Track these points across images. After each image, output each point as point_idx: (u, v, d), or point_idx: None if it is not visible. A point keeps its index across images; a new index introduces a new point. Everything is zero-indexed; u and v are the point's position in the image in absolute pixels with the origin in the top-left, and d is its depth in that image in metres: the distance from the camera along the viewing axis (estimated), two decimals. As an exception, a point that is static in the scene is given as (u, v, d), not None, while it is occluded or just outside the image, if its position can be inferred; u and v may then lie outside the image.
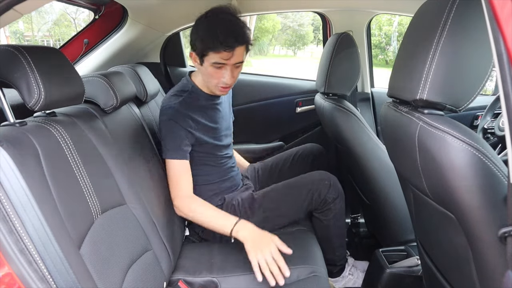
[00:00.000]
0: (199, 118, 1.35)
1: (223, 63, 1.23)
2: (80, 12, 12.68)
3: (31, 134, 0.80)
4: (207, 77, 1.29)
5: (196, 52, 1.25)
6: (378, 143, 1.49)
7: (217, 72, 1.26)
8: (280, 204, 1.43)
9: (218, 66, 1.24)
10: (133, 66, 1.65)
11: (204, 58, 1.23)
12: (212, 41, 1.18)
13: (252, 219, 1.30)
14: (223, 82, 1.28)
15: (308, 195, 1.41)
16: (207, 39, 1.19)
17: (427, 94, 0.73)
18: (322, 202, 1.41)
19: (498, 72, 0.53)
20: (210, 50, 1.20)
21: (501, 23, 0.51)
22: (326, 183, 1.41)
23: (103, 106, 1.16)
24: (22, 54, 0.81)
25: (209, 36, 1.19)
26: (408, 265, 1.39)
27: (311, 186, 1.41)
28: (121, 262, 0.92)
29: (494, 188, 0.65)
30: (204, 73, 1.28)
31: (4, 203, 0.69)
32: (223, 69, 1.25)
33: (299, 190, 1.42)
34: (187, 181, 1.32)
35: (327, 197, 1.40)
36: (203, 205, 1.30)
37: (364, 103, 2.14)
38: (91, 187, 0.92)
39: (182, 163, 1.31)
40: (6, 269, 0.69)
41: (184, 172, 1.31)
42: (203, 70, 1.27)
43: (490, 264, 0.70)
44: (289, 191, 1.45)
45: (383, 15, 3.56)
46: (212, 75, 1.27)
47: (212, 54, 1.21)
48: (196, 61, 1.27)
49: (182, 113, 1.30)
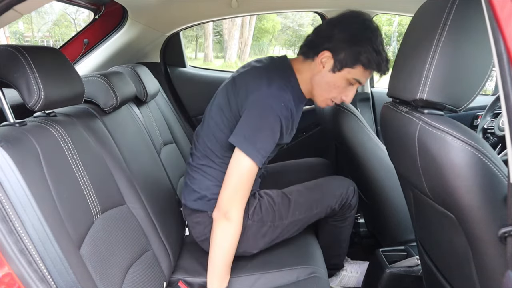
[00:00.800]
0: (296, 121, 1.16)
1: (361, 82, 1.10)
2: (80, 12, 12.69)
3: (31, 134, 0.80)
4: (330, 87, 1.11)
5: (339, 58, 1.06)
6: (378, 143, 1.49)
7: (345, 88, 1.11)
8: (312, 206, 1.28)
9: (351, 83, 1.10)
10: (133, 66, 1.66)
11: (344, 69, 1.06)
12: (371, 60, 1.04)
13: (286, 221, 1.23)
14: (343, 98, 1.14)
15: (338, 198, 1.31)
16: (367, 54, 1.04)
17: (427, 94, 0.73)
18: (346, 207, 1.34)
19: (498, 72, 0.53)
20: (363, 65, 1.05)
21: (501, 23, 0.51)
22: (352, 189, 1.35)
23: (103, 106, 1.16)
24: (22, 54, 0.81)
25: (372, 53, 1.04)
26: (408, 265, 1.39)
27: (342, 190, 1.32)
28: (121, 262, 0.92)
29: (494, 188, 0.65)
30: (329, 82, 1.10)
31: (4, 203, 0.69)
32: (351, 86, 1.11)
33: (331, 191, 1.32)
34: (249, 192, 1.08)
35: (351, 202, 1.35)
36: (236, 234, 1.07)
37: (364, 103, 2.14)
38: (91, 187, 0.92)
39: (257, 170, 1.06)
40: (6, 269, 0.69)
41: (252, 182, 1.07)
42: (330, 78, 1.09)
43: (490, 264, 0.70)
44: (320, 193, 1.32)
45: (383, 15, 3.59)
46: (337, 88, 1.10)
47: (360, 71, 1.06)
48: (325, 65, 1.08)
49: (290, 113, 1.07)
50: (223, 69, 1.65)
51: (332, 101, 1.15)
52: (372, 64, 1.05)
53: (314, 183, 1.35)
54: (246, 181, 1.04)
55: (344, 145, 1.55)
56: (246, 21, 15.15)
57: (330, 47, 1.06)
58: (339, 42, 1.05)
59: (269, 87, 1.04)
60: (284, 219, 1.22)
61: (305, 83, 1.15)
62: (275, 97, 1.03)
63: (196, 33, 15.07)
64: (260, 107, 1.03)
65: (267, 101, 1.03)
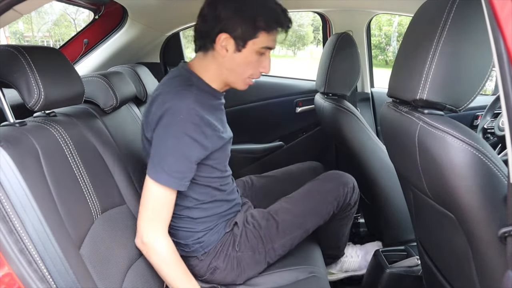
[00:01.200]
0: (215, 123, 1.03)
1: (271, 47, 1.02)
2: (80, 12, 12.69)
3: (31, 134, 0.80)
4: (243, 67, 1.02)
5: (237, 34, 0.97)
6: (378, 143, 1.49)
7: (258, 60, 1.02)
8: (303, 221, 1.20)
9: (262, 52, 1.01)
10: (133, 66, 1.66)
11: (248, 42, 0.98)
12: (269, 19, 0.97)
13: (276, 244, 1.16)
14: (262, 70, 1.05)
15: (334, 202, 1.23)
16: (263, 17, 0.96)
17: (427, 94, 0.73)
18: (345, 207, 1.28)
19: (498, 72, 0.53)
20: (264, 30, 0.97)
21: (501, 23, 0.51)
22: (350, 187, 1.27)
23: (103, 106, 1.16)
24: (22, 54, 0.81)
25: (266, 13, 0.96)
26: (408, 265, 1.39)
27: (337, 193, 1.24)
28: (121, 262, 0.92)
29: (494, 188, 0.65)
30: (240, 62, 1.01)
31: (4, 203, 0.69)
32: (263, 56, 1.03)
33: (324, 198, 1.23)
34: (170, 215, 1.01)
35: (351, 201, 1.28)
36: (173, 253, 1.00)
37: (364, 103, 2.14)
38: (91, 187, 0.92)
39: (174, 195, 0.99)
40: (6, 269, 0.69)
41: (171, 204, 1.00)
42: (239, 58, 1.00)
43: (490, 264, 0.70)
44: (312, 202, 1.23)
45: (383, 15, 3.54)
46: (251, 64, 1.02)
47: (264, 37, 0.98)
48: (228, 48, 0.99)
49: (200, 118, 0.97)
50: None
51: (251, 79, 1.07)
52: (272, 24, 0.98)
53: (303, 193, 1.25)
54: (162, 206, 0.97)
55: (344, 145, 1.55)
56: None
57: (223, 27, 0.96)
58: (229, 19, 0.96)
59: (167, 103, 0.96)
60: (274, 242, 1.16)
61: (216, 76, 1.05)
62: (173, 113, 0.95)
63: (196, 33, 15.00)
64: (162, 128, 0.96)
65: (167, 119, 0.95)
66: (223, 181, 1.15)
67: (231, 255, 1.13)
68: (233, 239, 1.14)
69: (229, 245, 1.14)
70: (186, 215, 1.10)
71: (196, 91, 1.00)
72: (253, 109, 2.20)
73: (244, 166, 2.17)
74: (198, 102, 0.98)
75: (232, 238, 1.15)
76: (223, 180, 1.15)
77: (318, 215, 1.22)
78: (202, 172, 1.05)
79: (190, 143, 0.95)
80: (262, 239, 1.15)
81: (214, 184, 1.11)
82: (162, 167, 0.94)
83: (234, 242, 1.14)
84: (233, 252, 1.13)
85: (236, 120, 2.16)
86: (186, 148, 0.95)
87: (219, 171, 1.11)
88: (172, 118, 0.94)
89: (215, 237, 1.14)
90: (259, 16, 0.96)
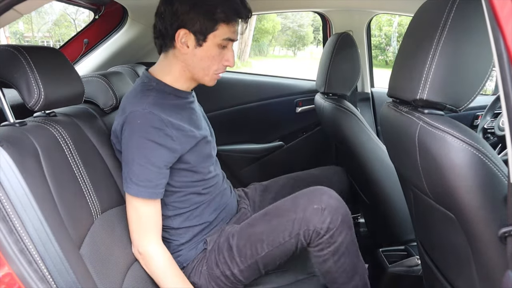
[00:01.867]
0: (180, 122, 1.00)
1: (233, 39, 0.99)
2: (80, 12, 12.69)
3: (31, 134, 0.80)
4: (207, 61, 1.00)
5: (196, 29, 0.95)
6: (378, 143, 1.49)
7: (220, 54, 1.00)
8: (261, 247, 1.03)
9: (224, 45, 0.99)
10: (133, 66, 1.66)
11: (209, 36, 0.96)
12: (228, 11, 0.95)
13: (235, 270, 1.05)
14: (225, 64, 1.03)
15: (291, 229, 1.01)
16: (221, 8, 0.94)
17: (427, 94, 0.73)
18: (312, 235, 1.00)
19: (498, 72, 0.53)
20: (223, 22, 0.95)
21: (501, 23, 0.51)
22: (316, 208, 0.99)
23: (103, 106, 1.16)
24: (22, 54, 0.81)
25: (224, 4, 0.94)
26: (408, 265, 1.39)
27: (295, 215, 1.01)
28: (121, 262, 0.92)
29: (494, 188, 0.65)
30: (202, 57, 0.99)
31: (4, 203, 0.69)
32: (226, 49, 1.01)
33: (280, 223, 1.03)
34: (157, 223, 0.99)
35: (317, 228, 0.99)
36: (168, 261, 0.99)
37: (364, 103, 2.14)
38: (91, 187, 0.92)
39: (156, 203, 0.97)
40: (6, 269, 0.69)
41: (155, 213, 0.98)
42: (201, 54, 0.98)
43: (490, 264, 0.70)
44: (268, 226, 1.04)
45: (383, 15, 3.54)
46: (214, 58, 0.99)
47: (224, 29, 0.96)
48: (188, 44, 0.97)
49: (159, 120, 0.94)
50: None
51: (217, 74, 1.04)
52: (231, 15, 0.96)
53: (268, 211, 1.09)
54: (146, 218, 0.96)
55: (344, 145, 1.55)
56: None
57: (181, 23, 0.94)
58: (186, 14, 0.94)
59: (124, 113, 0.96)
60: (232, 268, 1.05)
61: (179, 75, 1.03)
62: (130, 121, 0.94)
63: (196, 33, 15.02)
64: (124, 138, 0.95)
65: (127, 129, 0.94)
66: (205, 184, 1.10)
67: (204, 273, 1.09)
68: (205, 256, 1.10)
69: (203, 263, 1.09)
70: (166, 224, 1.08)
71: (155, 94, 0.99)
72: (253, 109, 2.20)
73: (244, 166, 2.17)
74: (157, 104, 0.96)
75: (204, 255, 1.10)
76: (205, 183, 1.10)
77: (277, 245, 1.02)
78: (177, 177, 1.03)
79: (155, 148, 0.93)
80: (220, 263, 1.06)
81: (195, 189, 1.07)
82: (131, 179, 0.93)
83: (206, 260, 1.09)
84: (206, 270, 1.08)
85: (236, 120, 2.16)
86: (150, 154, 0.93)
87: (199, 173, 1.07)
88: (131, 125, 0.93)
89: (193, 253, 1.11)
90: (217, 8, 0.94)
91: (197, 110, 1.14)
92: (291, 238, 1.01)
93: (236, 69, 12.54)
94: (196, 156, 1.05)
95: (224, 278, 1.07)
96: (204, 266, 1.09)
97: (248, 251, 1.04)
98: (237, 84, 2.17)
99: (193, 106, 1.12)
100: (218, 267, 1.07)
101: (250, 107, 2.19)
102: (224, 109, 2.13)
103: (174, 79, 1.04)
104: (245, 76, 2.32)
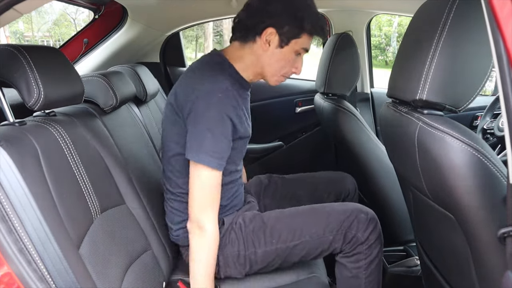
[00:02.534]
0: (245, 110, 1.08)
1: (308, 49, 1.07)
2: (80, 12, 12.68)
3: (31, 133, 0.79)
4: (282, 63, 1.05)
5: (283, 31, 1.00)
6: (378, 143, 1.49)
7: (295, 60, 1.07)
8: (299, 236, 1.07)
9: (299, 53, 1.06)
10: (133, 66, 1.66)
11: (291, 41, 1.02)
12: (315, 24, 1.02)
13: (259, 250, 1.07)
14: (294, 71, 1.10)
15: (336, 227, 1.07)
16: (310, 21, 1.01)
17: (426, 94, 0.73)
18: (352, 240, 1.06)
19: (498, 73, 0.53)
20: (308, 32, 1.02)
21: (501, 24, 0.51)
22: (363, 216, 1.07)
23: (103, 106, 1.16)
24: (21, 54, 0.81)
25: (313, 18, 1.01)
26: (407, 265, 1.39)
27: (342, 216, 1.07)
28: (120, 262, 0.92)
29: (494, 188, 0.66)
30: (280, 58, 1.04)
31: (3, 202, 0.69)
32: (299, 57, 1.08)
33: (326, 219, 1.08)
34: (218, 197, 1.02)
35: (359, 234, 1.05)
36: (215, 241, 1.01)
37: (363, 103, 2.14)
38: (91, 187, 0.92)
39: (219, 176, 1.00)
40: (5, 268, 0.69)
41: (219, 187, 1.01)
42: (280, 55, 1.04)
43: (489, 265, 0.70)
44: (311, 219, 1.10)
45: (383, 16, 3.53)
46: (289, 62, 1.06)
47: (306, 39, 1.03)
48: (271, 43, 1.02)
49: (236, 100, 1.00)
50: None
51: (283, 77, 1.11)
52: (316, 29, 1.03)
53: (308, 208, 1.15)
54: (209, 189, 0.99)
55: (343, 145, 1.55)
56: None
57: (272, 23, 1.00)
58: (279, 16, 0.99)
59: (203, 85, 0.98)
60: (257, 248, 1.08)
61: (249, 68, 1.08)
62: (210, 93, 0.96)
63: (196, 33, 15.06)
64: (199, 109, 0.97)
65: (204, 100, 0.96)
66: (234, 175, 1.15)
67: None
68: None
69: None
70: (180, 199, 1.10)
71: (229, 76, 1.02)
72: (253, 109, 2.19)
73: (244, 166, 2.17)
74: (233, 86, 1.01)
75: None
76: (235, 175, 1.15)
77: (315, 238, 1.07)
78: None
79: (229, 124, 0.97)
80: (244, 241, 1.09)
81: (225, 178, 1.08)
82: (202, 149, 0.96)
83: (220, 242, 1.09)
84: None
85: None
86: (225, 128, 0.97)
87: (232, 164, 1.10)
88: (210, 98, 0.96)
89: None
90: (308, 19, 1.00)
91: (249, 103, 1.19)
92: (331, 235, 1.06)
93: (236, 69, 12.49)
94: (242, 146, 1.10)
95: (236, 257, 1.09)
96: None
97: (283, 234, 1.07)
98: (237, 84, 2.17)
99: (249, 99, 1.18)
100: (233, 246, 1.09)
101: (250, 107, 2.19)
102: (224, 109, 2.12)
103: (243, 69, 1.08)
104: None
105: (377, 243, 1.07)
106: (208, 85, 0.97)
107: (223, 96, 0.96)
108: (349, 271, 1.08)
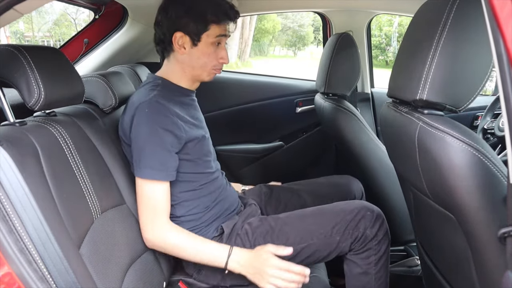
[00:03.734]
0: (185, 115, 1.09)
1: (225, 34, 1.09)
2: (80, 12, 12.68)
3: (31, 133, 0.80)
4: (204, 59, 1.08)
5: (190, 30, 1.04)
6: (378, 143, 1.49)
7: (215, 51, 1.09)
8: (306, 238, 1.09)
9: (218, 42, 1.08)
10: (133, 66, 1.66)
11: (202, 36, 1.05)
12: (218, 12, 1.05)
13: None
14: (221, 61, 1.11)
15: (343, 227, 1.08)
16: (212, 11, 1.04)
17: (427, 94, 0.73)
18: (362, 238, 1.08)
19: (498, 73, 0.53)
20: (214, 22, 1.05)
21: (501, 23, 0.51)
22: (369, 214, 1.09)
23: (102, 107, 1.16)
24: (22, 54, 0.81)
25: (214, 7, 1.04)
26: (408, 265, 1.39)
27: (349, 216, 1.09)
28: (120, 262, 0.92)
29: (494, 188, 0.65)
30: (199, 55, 1.08)
31: (4, 202, 0.69)
32: (220, 47, 1.10)
33: (333, 219, 1.10)
34: (168, 206, 1.04)
35: (367, 232, 1.08)
36: (184, 235, 1.03)
37: (364, 103, 2.14)
38: (91, 187, 0.92)
39: (167, 187, 1.02)
40: (6, 268, 0.69)
41: (166, 196, 1.03)
42: (197, 53, 1.07)
43: (490, 265, 0.70)
44: (318, 220, 1.11)
45: (383, 16, 3.52)
46: (210, 55, 1.08)
47: (215, 28, 1.05)
48: (185, 46, 1.06)
49: (166, 108, 1.02)
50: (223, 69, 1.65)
51: (214, 70, 1.13)
52: (221, 16, 1.05)
53: (315, 210, 1.16)
54: (156, 201, 1.01)
55: (344, 145, 1.55)
56: (247, 22, 15.14)
57: (177, 27, 1.05)
58: (180, 18, 1.04)
59: (133, 105, 1.03)
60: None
61: (182, 75, 1.13)
62: (138, 109, 1.01)
63: (196, 33, 15.03)
64: (133, 128, 1.02)
65: (136, 119, 1.01)
66: (207, 177, 1.15)
67: None
68: (221, 241, 1.11)
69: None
70: (177, 205, 1.11)
71: (161, 89, 1.07)
72: (253, 109, 2.20)
73: (244, 166, 2.17)
74: (164, 96, 1.04)
75: (220, 239, 1.12)
76: (207, 176, 1.15)
77: (322, 239, 1.08)
78: (182, 168, 1.08)
79: (163, 133, 1.00)
80: (252, 247, 1.07)
81: (197, 182, 1.12)
82: (144, 163, 1.00)
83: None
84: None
85: (236, 120, 2.15)
86: (160, 139, 1.00)
87: (200, 166, 1.13)
88: (140, 115, 1.01)
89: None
90: (208, 10, 1.04)
91: (198, 109, 1.23)
92: (338, 235, 1.08)
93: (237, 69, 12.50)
94: (198, 149, 1.11)
95: None
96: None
97: (291, 237, 1.09)
98: (237, 84, 2.17)
99: (196, 104, 1.21)
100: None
101: (250, 107, 2.19)
102: (224, 109, 2.13)
103: (177, 79, 1.13)
104: (245, 76, 2.32)
105: (385, 238, 1.11)
106: (139, 103, 1.02)
107: (150, 110, 1.00)
108: (360, 267, 1.10)
